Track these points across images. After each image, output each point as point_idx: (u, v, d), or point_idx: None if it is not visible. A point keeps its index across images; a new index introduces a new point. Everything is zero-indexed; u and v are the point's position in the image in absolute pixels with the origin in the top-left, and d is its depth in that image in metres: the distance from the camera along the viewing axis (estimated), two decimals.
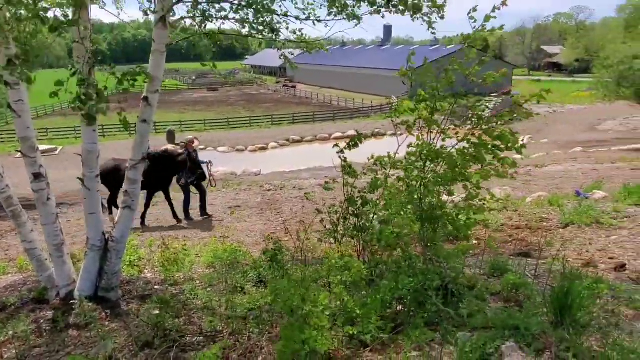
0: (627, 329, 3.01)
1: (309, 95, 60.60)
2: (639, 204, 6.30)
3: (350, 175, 4.40)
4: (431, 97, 3.45)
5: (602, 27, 79.83)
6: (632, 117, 33.06)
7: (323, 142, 34.46)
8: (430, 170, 3.48)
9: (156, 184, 9.80)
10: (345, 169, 4.39)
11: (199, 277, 5.23)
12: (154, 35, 4.24)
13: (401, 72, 3.52)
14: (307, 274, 3.57)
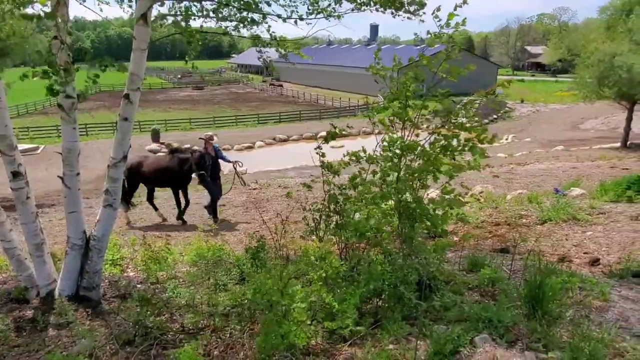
0: (597, 320, 3.11)
1: (295, 94, 60.55)
2: (614, 201, 6.46)
3: (330, 172, 4.43)
4: (403, 93, 3.52)
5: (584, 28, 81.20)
6: (612, 116, 33.71)
7: (309, 141, 34.47)
8: (405, 165, 3.54)
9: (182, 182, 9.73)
10: (325, 166, 4.42)
11: (182, 276, 5.24)
12: (134, 32, 4.23)
13: (373, 70, 3.57)
14: (288, 270, 3.61)
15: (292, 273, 3.66)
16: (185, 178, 9.60)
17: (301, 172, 19.39)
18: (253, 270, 4.56)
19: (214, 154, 9.84)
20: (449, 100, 3.48)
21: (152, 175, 9.62)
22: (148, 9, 4.32)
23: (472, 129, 3.29)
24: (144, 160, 9.85)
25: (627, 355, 2.67)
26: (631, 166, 13.49)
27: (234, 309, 4.00)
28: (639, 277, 4.03)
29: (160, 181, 9.87)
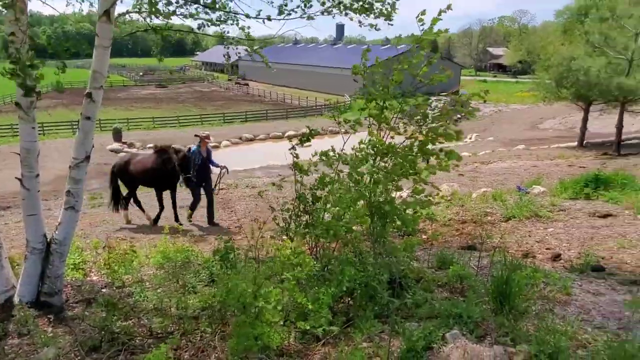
0: (560, 313, 3.23)
1: (261, 93, 60.15)
2: (573, 198, 6.73)
3: (301, 172, 4.42)
4: (381, 95, 3.54)
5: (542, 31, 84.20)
6: (569, 116, 35.18)
7: (276, 140, 34.35)
8: (380, 167, 3.57)
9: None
10: (296, 166, 4.41)
11: (149, 279, 5.11)
12: (97, 29, 4.09)
13: (355, 70, 3.58)
14: (260, 270, 3.58)
15: (265, 274, 3.64)
16: (170, 179, 9.03)
17: (269, 172, 19.29)
18: (223, 272, 4.50)
19: (206, 154, 9.27)
20: (425, 105, 3.54)
21: (139, 175, 9.26)
22: (111, 6, 4.20)
23: (446, 135, 3.35)
24: (131, 159, 9.51)
25: (589, 346, 2.78)
26: (587, 164, 14.12)
27: (204, 311, 3.93)
28: (598, 271, 4.21)
29: (146, 181, 9.47)
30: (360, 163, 3.64)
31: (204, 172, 9.15)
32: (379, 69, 3.66)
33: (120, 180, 9.48)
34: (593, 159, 18.47)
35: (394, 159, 3.44)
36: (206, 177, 9.30)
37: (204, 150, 9.14)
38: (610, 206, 6.19)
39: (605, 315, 3.23)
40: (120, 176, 9.42)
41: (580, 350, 2.74)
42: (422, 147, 3.36)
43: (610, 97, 22.15)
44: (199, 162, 8.87)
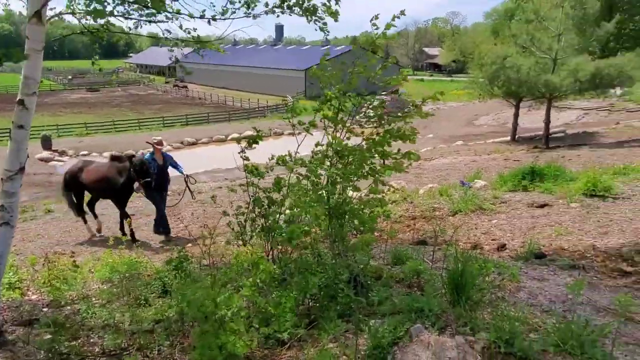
0: (511, 300, 3.41)
1: (201, 95, 58.84)
2: (512, 190, 7.12)
3: (255, 175, 4.36)
4: (339, 96, 3.57)
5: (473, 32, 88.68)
6: (502, 112, 37.23)
7: (220, 143, 33.76)
8: (337, 168, 3.59)
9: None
10: (249, 169, 4.34)
11: (95, 294, 4.86)
12: (27, 32, 3.82)
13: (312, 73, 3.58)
14: (217, 278, 3.50)
15: (223, 281, 3.56)
16: (125, 189, 8.36)
17: (214, 176, 18.92)
18: (177, 282, 4.35)
19: (161, 161, 8.71)
20: (381, 107, 3.61)
21: (92, 185, 8.63)
22: (43, 6, 3.95)
23: (405, 135, 3.43)
24: (85, 166, 8.87)
25: (540, 329, 2.95)
26: (521, 158, 15.01)
27: (159, 324, 3.79)
28: (541, 258, 4.48)
29: (99, 191, 8.80)
30: (318, 165, 3.65)
31: (162, 181, 8.65)
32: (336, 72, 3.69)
33: (70, 188, 8.87)
34: (526, 153, 19.65)
35: (354, 160, 3.48)
36: (165, 186, 8.84)
37: (159, 158, 8.67)
38: (546, 196, 6.60)
39: (551, 299, 3.43)
40: (72, 184, 8.80)
41: (532, 334, 2.89)
42: (380, 148, 3.43)
43: (538, 93, 23.70)
44: (155, 171, 8.32)
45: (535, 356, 2.59)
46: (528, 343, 2.65)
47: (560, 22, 22.42)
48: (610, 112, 39.30)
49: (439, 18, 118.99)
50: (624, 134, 25.84)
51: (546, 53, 23.23)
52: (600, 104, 41.59)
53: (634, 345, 2.75)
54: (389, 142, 3.45)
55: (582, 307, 3.25)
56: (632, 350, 2.69)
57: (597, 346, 2.65)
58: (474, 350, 2.65)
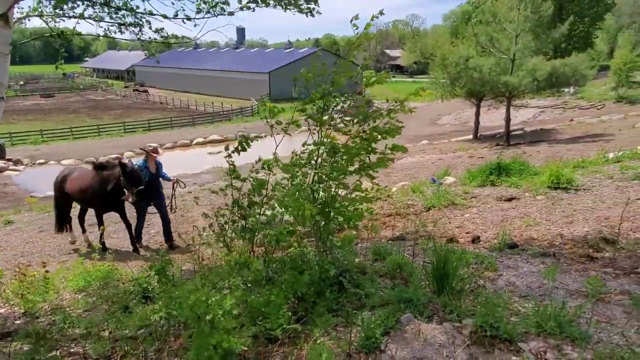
0: (491, 288, 3.57)
1: (163, 100, 57.66)
2: (481, 185, 7.39)
3: (236, 178, 4.36)
4: (324, 96, 3.65)
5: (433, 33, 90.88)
6: (463, 112, 38.32)
7: (185, 148, 33.27)
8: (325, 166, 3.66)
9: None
10: (231, 173, 4.34)
11: (70, 304, 4.74)
12: None
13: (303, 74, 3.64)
14: (208, 279, 3.50)
15: (212, 281, 3.56)
16: (108, 199, 7.79)
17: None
18: (161, 286, 4.30)
19: (154, 169, 8.23)
20: (365, 106, 3.71)
21: (75, 194, 8.18)
22: (9, 9, 3.86)
23: (389, 131, 3.54)
24: (68, 174, 8.37)
25: (520, 313, 3.12)
26: (485, 155, 15.53)
27: (142, 330, 3.74)
28: (513, 248, 4.69)
29: (83, 201, 8.38)
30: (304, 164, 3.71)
31: (154, 190, 8.23)
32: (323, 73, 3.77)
33: (57, 199, 8.51)
34: (489, 150, 20.33)
35: (346, 157, 3.56)
36: (157, 195, 8.36)
37: (152, 166, 8.20)
38: (513, 190, 6.89)
39: (528, 285, 3.62)
40: (57, 193, 8.44)
41: (513, 317, 3.05)
42: (369, 145, 3.53)
43: (499, 93, 24.59)
44: (146, 179, 7.86)
45: (519, 337, 2.74)
46: (512, 326, 2.79)
47: (517, 24, 23.37)
48: (565, 110, 41.17)
49: (399, 20, 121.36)
50: (578, 130, 27.14)
51: (505, 54, 24.15)
52: (555, 102, 43.51)
53: (606, 324, 2.95)
54: (375, 139, 3.55)
55: (556, 291, 3.44)
56: (604, 328, 2.88)
57: (574, 326, 2.82)
58: (462, 335, 2.78)
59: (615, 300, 3.28)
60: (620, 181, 6.76)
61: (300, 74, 3.54)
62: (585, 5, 65.79)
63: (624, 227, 4.83)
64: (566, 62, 23.38)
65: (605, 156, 9.19)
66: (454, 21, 76.88)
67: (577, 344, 2.66)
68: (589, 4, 66.20)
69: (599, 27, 71.26)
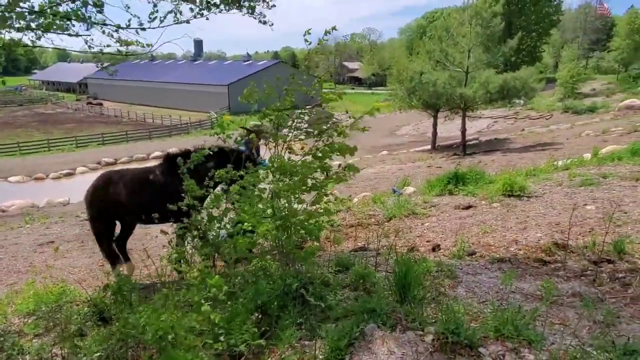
0: (451, 295, 3.65)
1: (118, 113, 56.11)
2: (440, 195, 7.58)
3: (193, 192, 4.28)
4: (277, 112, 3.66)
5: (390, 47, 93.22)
6: (421, 122, 39.31)
7: (141, 162, 32.35)
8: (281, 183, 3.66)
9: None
10: (188, 187, 4.26)
11: (18, 329, 4.48)
12: None
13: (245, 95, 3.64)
14: (169, 297, 3.40)
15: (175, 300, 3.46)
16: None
17: None
18: (117, 307, 4.13)
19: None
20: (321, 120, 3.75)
21: (134, 200, 5.64)
22: None
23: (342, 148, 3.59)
24: (115, 176, 5.88)
25: (480, 318, 3.20)
26: (443, 165, 15.96)
27: (99, 353, 3.59)
28: (472, 255, 4.82)
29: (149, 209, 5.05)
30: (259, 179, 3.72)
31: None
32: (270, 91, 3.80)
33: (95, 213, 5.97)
34: (446, 160, 20.91)
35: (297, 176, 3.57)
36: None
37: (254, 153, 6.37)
38: (470, 199, 7.10)
39: (486, 290, 3.72)
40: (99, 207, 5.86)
41: (473, 323, 3.13)
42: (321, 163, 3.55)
43: (454, 104, 25.47)
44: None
45: (479, 342, 2.81)
46: (472, 331, 2.86)
47: (470, 39, 24.37)
48: (516, 120, 43.05)
49: (356, 34, 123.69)
50: (529, 139, 28.37)
51: (458, 67, 25.09)
52: (507, 112, 45.39)
53: (559, 325, 3.07)
54: (329, 156, 3.59)
55: (513, 296, 3.56)
56: (558, 329, 3.00)
57: (530, 329, 2.93)
58: (424, 343, 2.82)
59: (567, 302, 3.42)
60: (568, 188, 7.10)
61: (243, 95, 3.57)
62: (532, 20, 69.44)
63: (573, 232, 5.06)
64: (516, 75, 24.56)
65: (555, 164, 9.63)
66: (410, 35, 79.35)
67: (534, 346, 2.75)
68: (536, 20, 69.93)
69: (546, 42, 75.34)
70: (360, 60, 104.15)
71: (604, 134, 24.69)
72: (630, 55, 57.97)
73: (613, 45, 61.88)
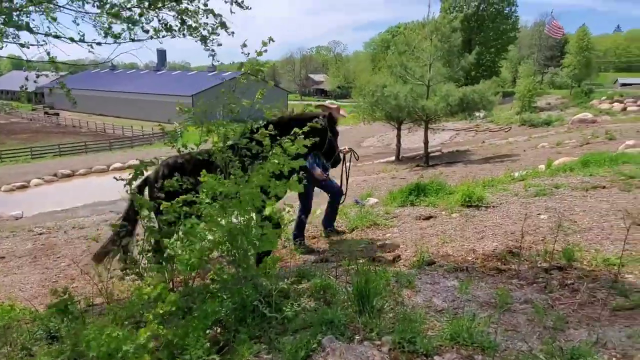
0: (410, 304, 3.69)
1: (77, 123, 54.44)
2: (402, 205, 7.69)
3: (145, 206, 4.14)
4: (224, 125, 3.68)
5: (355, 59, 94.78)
6: (385, 134, 39.96)
7: (101, 174, 31.42)
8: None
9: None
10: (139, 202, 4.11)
11: None
12: None
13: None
14: (118, 314, 3.28)
15: (125, 317, 3.35)
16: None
17: (97, 210, 17.51)
18: (66, 325, 3.96)
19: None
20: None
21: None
22: None
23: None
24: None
25: (436, 327, 3.24)
26: (406, 176, 16.22)
27: None
28: (431, 265, 4.90)
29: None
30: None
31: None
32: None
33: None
34: (409, 171, 21.28)
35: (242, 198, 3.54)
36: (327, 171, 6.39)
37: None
38: (431, 209, 7.23)
39: (444, 299, 3.78)
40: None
41: (430, 332, 3.17)
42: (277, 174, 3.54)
43: (417, 117, 26.07)
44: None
45: (434, 351, 2.84)
46: (428, 340, 2.90)
47: (430, 53, 25.09)
48: (477, 132, 44.47)
49: (321, 46, 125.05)
50: (489, 151, 29.27)
51: (420, 80, 25.75)
52: (469, 125, 46.80)
53: (512, 332, 3.15)
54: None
55: (469, 304, 3.63)
56: (510, 335, 3.07)
57: (484, 336, 2.99)
58: (381, 353, 2.83)
59: (519, 309, 3.51)
60: (524, 198, 7.34)
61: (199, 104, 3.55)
62: (491, 37, 72.37)
63: (527, 240, 5.22)
64: (475, 88, 25.42)
65: (512, 175, 9.96)
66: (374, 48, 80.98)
67: (487, 353, 2.81)
68: (494, 37, 72.93)
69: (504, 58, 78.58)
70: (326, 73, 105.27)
71: (558, 146, 25.78)
72: (582, 71, 61.24)
73: (565, 62, 65.23)
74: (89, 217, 14.67)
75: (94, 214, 16.00)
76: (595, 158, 9.72)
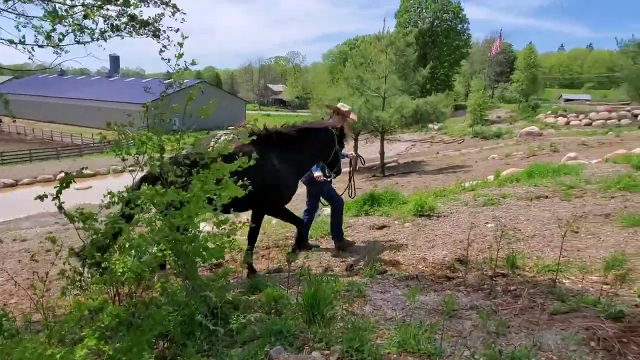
0: (360, 313, 3.71)
1: (21, 130, 51.77)
2: (357, 215, 7.77)
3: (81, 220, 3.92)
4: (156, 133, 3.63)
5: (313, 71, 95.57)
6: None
7: (46, 184, 29.90)
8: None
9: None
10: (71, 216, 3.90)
11: None
12: None
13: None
14: (54, 330, 3.12)
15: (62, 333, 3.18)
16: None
17: (41, 221, 16.61)
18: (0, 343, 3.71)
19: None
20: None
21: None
22: None
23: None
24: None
25: (385, 335, 3.28)
26: (362, 186, 16.36)
27: None
28: (382, 274, 4.96)
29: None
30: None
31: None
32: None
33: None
34: (366, 181, 21.55)
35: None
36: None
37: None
38: (384, 219, 7.34)
39: (393, 307, 3.83)
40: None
41: (379, 340, 3.19)
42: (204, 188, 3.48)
43: (373, 128, 26.51)
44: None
45: (382, 358, 2.87)
46: (375, 348, 2.92)
47: (386, 66, 25.69)
48: (432, 144, 45.76)
49: (280, 57, 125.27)
50: (443, 162, 30.13)
51: (376, 92, 26.27)
52: (424, 136, 48.03)
53: (456, 337, 3.22)
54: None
55: (417, 311, 3.69)
56: (455, 341, 3.15)
57: (430, 342, 3.04)
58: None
59: (465, 315, 3.61)
60: (473, 207, 7.58)
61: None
62: (445, 52, 75.02)
63: (475, 249, 5.39)
64: (427, 100, 26.24)
65: (462, 185, 10.27)
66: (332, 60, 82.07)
67: (432, 359, 2.86)
68: (448, 52, 75.67)
69: (457, 72, 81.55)
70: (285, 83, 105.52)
71: (507, 158, 26.89)
72: (529, 87, 64.43)
73: (514, 78, 68.45)
74: (32, 229, 13.91)
75: (38, 225, 15.19)
76: (540, 169, 10.19)
